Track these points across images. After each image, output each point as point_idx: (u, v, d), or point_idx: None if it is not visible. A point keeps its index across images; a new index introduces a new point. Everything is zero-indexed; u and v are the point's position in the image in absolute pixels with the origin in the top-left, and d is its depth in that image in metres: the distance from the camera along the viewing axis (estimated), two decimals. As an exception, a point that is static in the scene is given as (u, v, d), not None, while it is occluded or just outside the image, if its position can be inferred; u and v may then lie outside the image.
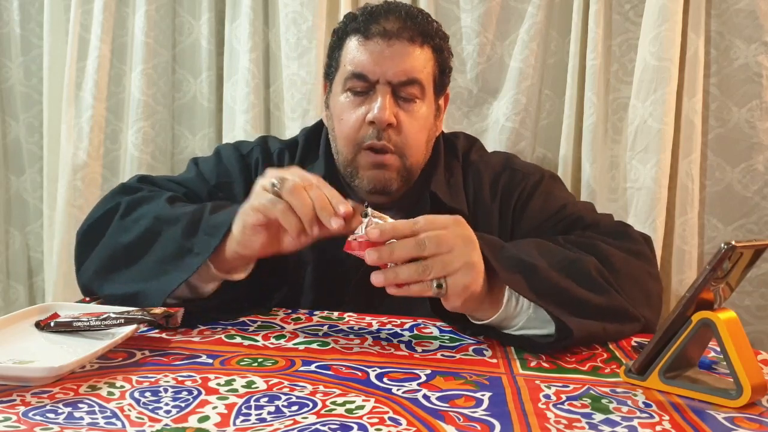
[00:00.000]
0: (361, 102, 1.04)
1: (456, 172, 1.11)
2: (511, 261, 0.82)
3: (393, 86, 1.02)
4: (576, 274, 0.85)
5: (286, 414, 0.61)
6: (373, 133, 1.02)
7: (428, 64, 1.05)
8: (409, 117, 1.03)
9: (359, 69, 1.03)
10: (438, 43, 1.07)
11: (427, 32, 1.05)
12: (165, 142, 1.77)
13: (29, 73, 1.84)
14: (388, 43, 1.02)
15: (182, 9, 1.75)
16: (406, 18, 1.04)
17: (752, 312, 1.54)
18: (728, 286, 0.70)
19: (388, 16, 1.04)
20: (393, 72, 1.02)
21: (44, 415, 0.59)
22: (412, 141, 1.04)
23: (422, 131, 1.06)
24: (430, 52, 1.06)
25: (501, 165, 1.14)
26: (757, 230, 1.53)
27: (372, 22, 1.03)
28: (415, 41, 1.03)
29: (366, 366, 0.74)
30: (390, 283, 0.77)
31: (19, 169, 1.88)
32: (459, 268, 0.77)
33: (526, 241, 0.90)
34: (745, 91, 1.50)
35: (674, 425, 0.62)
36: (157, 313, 0.80)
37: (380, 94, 1.02)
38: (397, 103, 1.03)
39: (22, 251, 1.90)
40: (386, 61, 1.02)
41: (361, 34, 1.04)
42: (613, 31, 1.56)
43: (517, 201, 1.09)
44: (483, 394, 0.67)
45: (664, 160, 1.49)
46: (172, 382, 0.68)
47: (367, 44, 1.03)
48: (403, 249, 0.76)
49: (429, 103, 1.07)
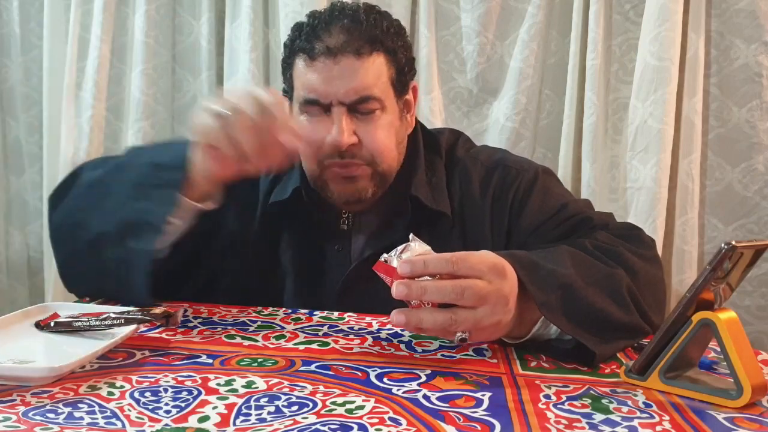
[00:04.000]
0: (317, 122, 1.00)
1: (438, 170, 1.07)
2: (547, 281, 0.78)
3: (348, 105, 0.98)
4: (610, 291, 0.83)
5: (286, 414, 0.61)
6: (335, 154, 0.99)
7: (382, 72, 1.00)
8: (371, 129, 0.99)
9: (311, 94, 0.98)
10: (390, 45, 1.01)
11: (374, 38, 0.98)
12: (165, 142, 1.77)
13: (29, 73, 1.84)
14: (334, 61, 0.96)
15: (182, 9, 1.76)
16: (350, 27, 0.98)
17: (752, 312, 1.54)
18: (728, 286, 0.70)
19: (330, 30, 0.98)
20: (344, 92, 0.97)
21: (44, 415, 0.59)
22: (379, 149, 1.00)
23: (388, 137, 1.01)
24: (382, 58, 1.00)
25: (492, 161, 1.09)
26: (757, 230, 1.53)
27: (315, 39, 0.98)
28: (362, 53, 0.97)
29: (366, 366, 0.74)
30: (411, 329, 0.74)
31: (19, 169, 1.88)
32: (487, 326, 0.73)
33: (561, 251, 0.86)
34: (745, 91, 1.50)
35: (674, 425, 0.62)
36: (157, 313, 0.80)
37: (336, 117, 0.98)
38: (357, 117, 0.99)
39: (22, 251, 1.90)
40: (335, 81, 0.97)
41: (307, 53, 0.98)
42: (613, 31, 1.56)
43: (514, 199, 1.05)
44: (483, 394, 0.67)
45: (664, 160, 1.49)
46: (172, 382, 0.68)
47: (314, 65, 0.97)
48: (437, 293, 0.70)
49: (391, 109, 1.02)
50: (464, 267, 0.71)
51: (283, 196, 1.06)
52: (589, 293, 0.80)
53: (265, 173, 0.93)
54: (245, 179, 1.09)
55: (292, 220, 1.07)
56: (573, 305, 0.78)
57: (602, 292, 0.82)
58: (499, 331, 0.76)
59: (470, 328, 0.72)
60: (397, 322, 0.72)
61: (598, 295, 0.81)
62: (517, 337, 0.81)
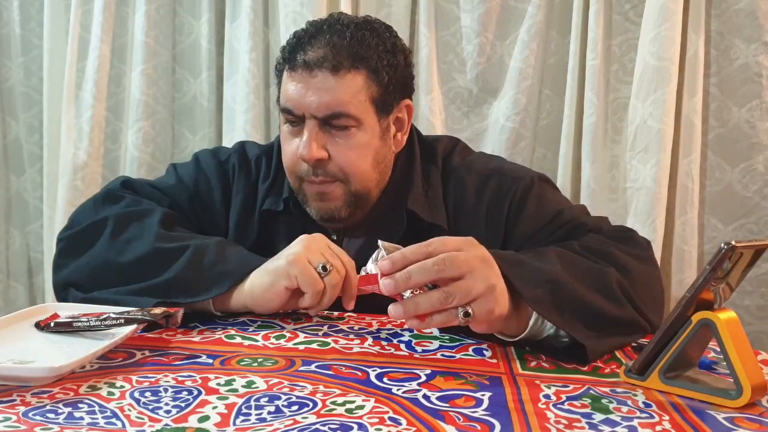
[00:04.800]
0: (296, 134, 1.01)
1: (435, 182, 1.07)
2: (533, 277, 0.80)
3: (319, 119, 0.98)
4: (599, 286, 0.83)
5: (286, 414, 0.61)
6: (309, 169, 0.99)
7: (360, 91, 0.98)
8: (343, 146, 0.99)
9: (287, 103, 0.99)
10: (373, 64, 0.99)
11: (357, 55, 0.97)
12: (165, 142, 1.77)
13: (29, 73, 1.84)
14: (310, 74, 0.97)
15: (182, 9, 1.76)
16: (333, 42, 0.97)
17: (752, 312, 1.54)
18: (728, 286, 0.70)
19: (312, 43, 0.98)
20: (316, 106, 0.97)
21: (44, 415, 0.59)
22: (351, 169, 1.00)
23: (362, 156, 1.00)
24: (362, 77, 0.98)
25: (488, 169, 1.08)
26: (757, 230, 1.53)
27: (297, 51, 0.98)
28: (339, 70, 0.96)
29: (366, 366, 0.74)
30: (410, 316, 0.73)
31: (19, 169, 1.88)
32: (482, 292, 0.74)
33: (547, 251, 0.88)
34: (745, 91, 1.51)
35: (674, 425, 0.62)
36: (157, 313, 0.80)
37: (306, 130, 0.98)
38: (330, 132, 0.99)
39: (22, 251, 1.90)
40: (308, 94, 0.97)
41: (289, 64, 0.99)
42: (613, 31, 1.56)
43: (510, 207, 1.04)
44: (483, 394, 0.67)
45: (664, 160, 1.49)
46: (172, 382, 0.68)
47: (293, 76, 0.98)
48: (421, 272, 0.72)
49: (369, 127, 1.00)
50: (440, 247, 0.75)
51: (276, 206, 1.07)
52: (577, 288, 0.81)
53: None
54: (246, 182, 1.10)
55: (286, 226, 1.07)
56: (562, 299, 0.79)
57: (590, 287, 0.83)
58: (497, 297, 0.75)
59: (466, 298, 0.73)
60: (396, 313, 0.73)
61: (586, 290, 0.82)
62: (514, 335, 0.82)
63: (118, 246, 0.95)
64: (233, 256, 0.93)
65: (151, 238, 0.94)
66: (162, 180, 1.13)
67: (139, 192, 1.08)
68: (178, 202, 1.08)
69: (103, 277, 0.94)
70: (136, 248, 0.94)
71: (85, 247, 0.97)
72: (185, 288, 0.89)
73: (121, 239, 0.96)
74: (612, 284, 0.85)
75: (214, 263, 0.91)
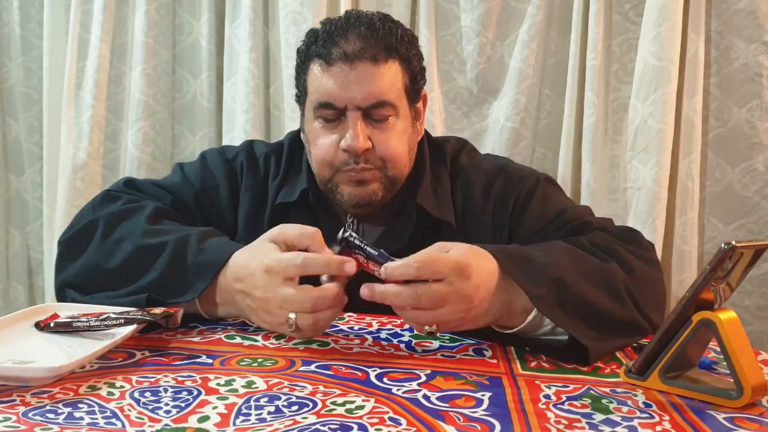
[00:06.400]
0: (333, 127, 1.01)
1: (444, 180, 1.09)
2: (538, 275, 0.81)
3: (363, 110, 0.99)
4: (605, 285, 0.84)
5: (286, 414, 0.61)
6: (350, 159, 1.00)
7: (397, 79, 1.01)
8: (384, 135, 1.00)
9: (326, 98, 0.99)
10: (404, 53, 1.02)
11: (390, 45, 1.00)
12: (165, 142, 1.77)
13: (29, 73, 1.84)
14: (351, 67, 0.97)
15: (182, 9, 1.76)
16: (367, 35, 0.99)
17: (752, 312, 1.54)
18: (728, 286, 0.70)
19: (347, 36, 0.99)
20: (360, 97, 0.98)
21: (44, 415, 0.59)
22: (392, 155, 1.01)
23: (401, 144, 1.03)
24: (397, 65, 1.01)
25: (495, 168, 1.10)
26: (757, 230, 1.53)
27: (332, 45, 0.99)
28: (378, 60, 0.98)
29: (366, 366, 0.74)
30: (378, 301, 0.77)
31: (19, 169, 1.88)
32: (449, 322, 0.78)
33: (555, 245, 0.89)
34: (745, 91, 1.51)
35: (674, 425, 0.62)
36: (157, 313, 0.80)
37: (351, 122, 0.99)
38: (371, 123, 1.00)
39: (22, 251, 1.90)
40: (351, 86, 0.98)
41: (323, 59, 0.99)
42: (613, 31, 1.56)
43: (515, 206, 1.06)
44: (483, 394, 0.67)
45: (664, 160, 1.49)
46: (172, 382, 0.68)
47: (331, 70, 0.99)
48: (396, 300, 0.76)
49: (404, 115, 1.03)
50: (426, 272, 0.76)
51: (290, 198, 1.07)
52: (583, 286, 0.82)
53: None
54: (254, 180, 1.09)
55: (296, 221, 1.07)
56: (567, 298, 0.80)
57: (597, 284, 0.83)
58: (469, 324, 0.80)
59: (433, 324, 0.78)
60: (362, 293, 0.77)
61: (592, 288, 0.82)
62: (510, 327, 0.83)
63: (107, 248, 0.94)
64: (212, 245, 0.90)
65: (137, 236, 0.93)
66: (167, 178, 1.13)
67: (143, 191, 1.07)
68: (183, 200, 1.08)
69: (96, 280, 0.93)
70: (124, 249, 0.93)
71: (80, 250, 0.96)
72: (171, 288, 0.87)
73: (110, 240, 0.95)
74: (617, 283, 0.85)
75: (195, 256, 0.88)
